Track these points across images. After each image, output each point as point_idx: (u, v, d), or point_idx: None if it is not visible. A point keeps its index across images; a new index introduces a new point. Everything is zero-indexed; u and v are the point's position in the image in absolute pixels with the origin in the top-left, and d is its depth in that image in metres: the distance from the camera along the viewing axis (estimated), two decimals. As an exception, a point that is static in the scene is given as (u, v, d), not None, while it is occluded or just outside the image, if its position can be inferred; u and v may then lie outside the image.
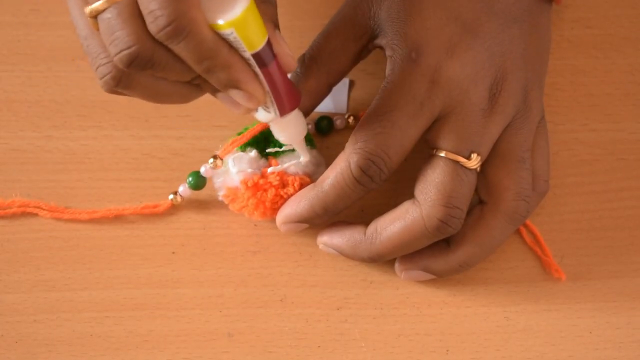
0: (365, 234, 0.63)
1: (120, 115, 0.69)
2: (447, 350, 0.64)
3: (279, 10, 0.72)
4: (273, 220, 0.65)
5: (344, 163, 0.61)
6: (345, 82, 0.70)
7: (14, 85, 0.69)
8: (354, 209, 0.67)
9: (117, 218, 0.66)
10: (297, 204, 0.63)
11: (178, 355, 0.63)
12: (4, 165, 0.67)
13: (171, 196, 0.66)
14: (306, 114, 0.65)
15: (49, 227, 0.66)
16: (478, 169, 0.61)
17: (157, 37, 0.52)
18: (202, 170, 0.66)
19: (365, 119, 0.61)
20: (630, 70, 0.71)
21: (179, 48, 0.53)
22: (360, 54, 0.65)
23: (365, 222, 0.66)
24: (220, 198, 0.66)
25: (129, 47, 0.53)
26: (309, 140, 0.66)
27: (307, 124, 0.68)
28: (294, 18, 0.72)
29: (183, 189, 0.66)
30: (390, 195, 0.67)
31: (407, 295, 0.65)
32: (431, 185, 0.61)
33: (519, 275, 0.65)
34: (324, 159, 0.66)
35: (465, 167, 0.61)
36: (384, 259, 0.63)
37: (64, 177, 0.67)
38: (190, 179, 0.66)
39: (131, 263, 0.65)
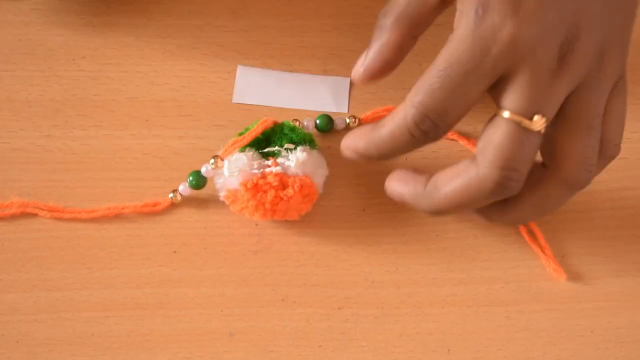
0: (425, 187, 0.62)
1: (121, 114, 0.69)
2: (449, 350, 0.64)
3: (280, 10, 0.72)
4: (274, 220, 0.65)
5: (401, 114, 0.60)
6: (346, 81, 0.70)
7: (15, 84, 0.69)
8: (356, 207, 0.67)
9: (118, 217, 0.66)
10: (359, 140, 0.62)
11: (179, 355, 0.63)
12: (4, 165, 0.67)
13: (171, 195, 0.66)
14: (393, 67, 0.63)
15: (49, 227, 0.66)
16: (542, 130, 0.59)
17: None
18: (203, 170, 0.66)
19: (429, 70, 0.59)
20: (631, 69, 0.70)
21: None
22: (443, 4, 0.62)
23: (366, 222, 0.66)
24: (221, 198, 0.66)
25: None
26: (310, 140, 0.66)
27: (306, 124, 0.68)
28: (295, 17, 0.72)
29: (183, 187, 0.66)
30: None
31: (409, 294, 0.65)
32: (490, 146, 0.59)
33: (521, 275, 0.65)
34: (325, 159, 0.66)
35: (528, 129, 0.59)
36: (446, 215, 0.62)
37: (64, 176, 0.67)
38: (190, 178, 0.66)
39: (132, 262, 0.65)
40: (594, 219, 0.67)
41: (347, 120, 0.68)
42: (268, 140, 0.65)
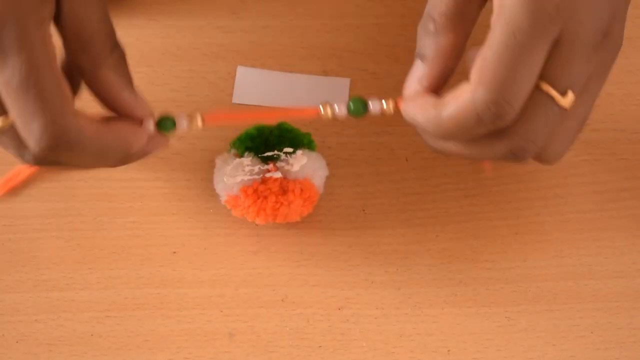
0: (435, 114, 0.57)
1: (121, 115, 0.69)
2: (449, 351, 0.64)
3: (280, 10, 0.72)
4: (279, 222, 0.65)
5: (468, 94, 0.55)
6: (345, 82, 0.70)
7: (15, 84, 0.69)
8: (355, 208, 0.67)
9: (116, 211, 0.66)
10: (418, 112, 0.57)
11: (179, 355, 0.63)
12: (5, 166, 0.67)
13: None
14: (451, 74, 0.59)
15: (50, 227, 0.66)
16: (569, 107, 0.57)
17: None
18: (180, 124, 0.59)
19: (490, 45, 0.55)
20: (631, 70, 0.71)
21: None
22: None
23: (366, 222, 0.66)
24: (222, 203, 0.66)
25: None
26: (309, 142, 0.66)
27: (337, 110, 0.60)
28: (295, 18, 0.72)
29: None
30: (392, 195, 0.67)
31: (409, 295, 0.65)
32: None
33: (520, 276, 0.65)
34: (325, 160, 0.66)
35: (558, 104, 0.56)
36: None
37: (66, 177, 0.67)
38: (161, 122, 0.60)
39: (132, 263, 0.65)
40: (594, 220, 0.67)
41: (384, 104, 0.59)
42: (267, 144, 0.65)
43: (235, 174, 0.64)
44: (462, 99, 0.55)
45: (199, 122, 0.59)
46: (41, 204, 0.66)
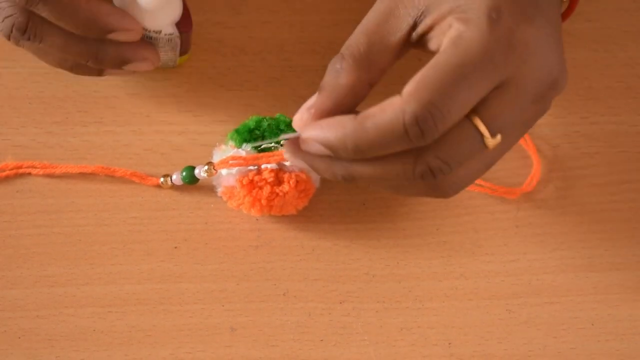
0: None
1: (122, 110, 0.69)
2: (450, 343, 0.64)
3: (279, 6, 0.72)
4: (273, 215, 0.65)
5: (398, 107, 0.54)
6: None
7: (15, 81, 0.69)
8: (356, 202, 0.67)
9: (117, 206, 0.66)
10: (330, 130, 0.56)
11: (180, 350, 0.63)
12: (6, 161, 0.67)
13: (162, 179, 0.66)
14: (341, 113, 0.58)
15: (51, 223, 0.66)
16: (491, 148, 0.56)
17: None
18: (197, 172, 0.66)
19: (436, 66, 0.55)
20: (630, 63, 0.71)
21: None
22: (404, 47, 0.59)
23: (367, 216, 0.66)
24: (218, 194, 0.66)
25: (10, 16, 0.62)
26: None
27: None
28: (294, 13, 0.72)
29: (176, 178, 0.66)
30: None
31: (410, 288, 0.65)
32: (448, 144, 0.56)
33: (521, 268, 0.66)
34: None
35: (483, 143, 0.56)
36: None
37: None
38: (184, 173, 0.66)
39: (133, 258, 0.65)
40: (593, 212, 0.67)
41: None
42: (263, 136, 0.65)
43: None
44: (391, 110, 0.54)
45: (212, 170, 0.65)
46: (42, 200, 0.66)
